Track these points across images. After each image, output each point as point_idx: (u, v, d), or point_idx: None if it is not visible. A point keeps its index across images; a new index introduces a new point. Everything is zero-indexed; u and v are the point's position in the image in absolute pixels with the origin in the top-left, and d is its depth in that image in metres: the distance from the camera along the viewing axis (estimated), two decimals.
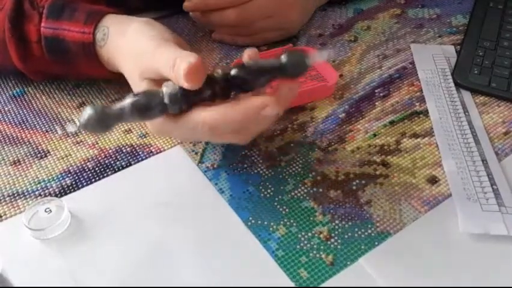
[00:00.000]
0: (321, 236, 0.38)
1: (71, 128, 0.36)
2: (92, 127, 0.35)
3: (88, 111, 0.35)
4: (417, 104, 0.50)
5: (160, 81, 0.37)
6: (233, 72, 0.36)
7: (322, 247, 0.37)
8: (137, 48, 0.40)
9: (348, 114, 0.49)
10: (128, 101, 0.35)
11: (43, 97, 0.51)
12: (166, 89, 0.36)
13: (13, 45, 0.46)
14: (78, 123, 0.35)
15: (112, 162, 0.44)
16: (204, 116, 0.36)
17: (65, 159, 0.44)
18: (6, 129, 0.47)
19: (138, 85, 0.40)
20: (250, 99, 0.35)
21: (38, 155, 0.44)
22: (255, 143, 0.45)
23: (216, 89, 0.36)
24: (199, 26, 0.60)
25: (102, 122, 0.35)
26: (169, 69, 0.36)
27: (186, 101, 0.36)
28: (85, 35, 0.44)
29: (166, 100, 0.35)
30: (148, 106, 0.35)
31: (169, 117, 0.37)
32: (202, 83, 0.35)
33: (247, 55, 0.37)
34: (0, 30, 0.46)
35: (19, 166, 0.44)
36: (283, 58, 0.36)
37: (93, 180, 0.42)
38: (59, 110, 0.49)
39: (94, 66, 0.46)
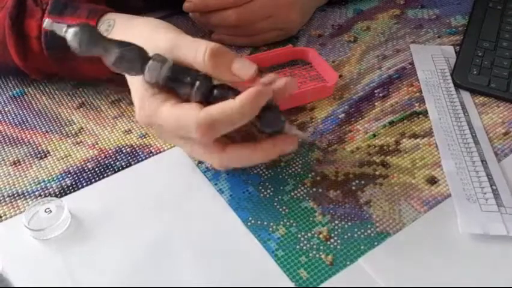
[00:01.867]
0: (321, 236, 0.38)
1: (59, 25, 0.36)
2: (78, 41, 0.35)
3: (80, 26, 0.35)
4: (416, 104, 0.50)
5: None
6: (216, 90, 0.36)
7: (322, 247, 0.37)
8: (150, 36, 0.39)
9: (348, 115, 0.49)
10: (117, 40, 0.36)
11: (43, 97, 0.51)
12: (156, 56, 0.36)
13: (13, 42, 0.46)
14: (68, 30, 0.36)
15: (112, 162, 0.44)
16: (203, 111, 0.35)
17: (65, 159, 0.44)
18: (6, 129, 0.47)
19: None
20: (245, 92, 0.35)
21: (38, 156, 0.45)
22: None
23: (194, 86, 0.36)
24: (198, 26, 0.60)
25: (89, 41, 0.35)
26: (202, 53, 0.35)
27: (168, 78, 0.36)
28: None
29: (149, 64, 0.35)
30: (132, 59, 0.36)
31: (163, 103, 0.36)
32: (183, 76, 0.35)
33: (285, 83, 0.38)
34: (0, 29, 0.46)
35: (19, 166, 0.44)
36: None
37: (93, 180, 0.42)
38: (59, 110, 0.49)
39: (93, 63, 0.45)
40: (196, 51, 0.36)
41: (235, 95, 0.35)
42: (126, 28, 0.43)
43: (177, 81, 0.36)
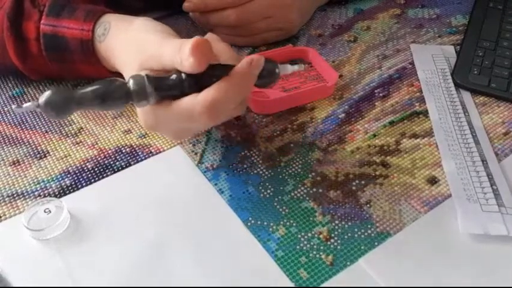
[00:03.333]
0: (321, 236, 0.38)
1: (28, 105, 0.34)
2: (52, 107, 0.34)
3: (49, 90, 0.34)
4: (417, 104, 0.50)
5: (159, 72, 0.37)
6: (207, 73, 0.36)
7: (322, 247, 0.37)
8: (142, 40, 0.40)
9: (348, 115, 0.49)
10: (91, 87, 0.35)
11: None
12: (132, 79, 0.35)
13: (11, 44, 0.46)
14: (38, 102, 0.34)
15: (112, 162, 0.44)
16: (201, 97, 0.35)
17: (64, 159, 0.44)
18: (6, 129, 0.47)
19: None
20: (236, 67, 0.36)
21: (38, 156, 0.44)
22: (254, 143, 0.45)
23: (184, 87, 0.36)
24: (198, 26, 0.60)
25: (63, 103, 0.34)
26: (175, 52, 0.35)
27: (154, 94, 0.35)
28: (83, 32, 0.44)
29: (132, 88, 0.35)
30: (110, 95, 0.35)
31: (161, 106, 0.36)
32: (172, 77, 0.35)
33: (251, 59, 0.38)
34: None
35: (18, 166, 0.44)
36: None
37: (92, 180, 0.42)
38: None
39: (91, 64, 0.45)
40: (173, 56, 0.36)
41: (227, 70, 0.36)
42: (120, 32, 0.43)
43: (166, 88, 0.36)
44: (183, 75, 0.36)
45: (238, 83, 0.36)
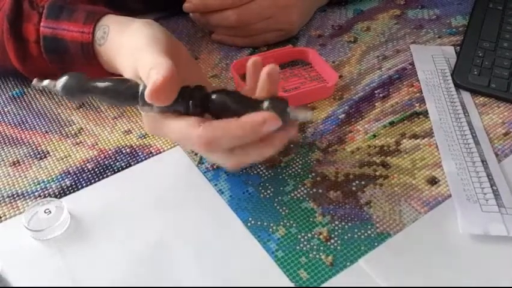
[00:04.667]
0: (321, 236, 0.38)
1: (47, 83, 0.39)
2: (67, 91, 0.38)
3: (66, 75, 0.38)
4: (417, 104, 0.50)
5: None
6: (214, 96, 0.36)
7: (322, 248, 0.37)
8: (132, 47, 0.39)
9: (348, 115, 0.49)
10: (105, 82, 0.38)
11: (43, 98, 0.51)
12: (141, 87, 0.36)
13: (11, 46, 0.46)
14: (55, 82, 0.38)
15: (112, 163, 0.44)
16: (201, 131, 0.34)
17: (64, 160, 0.44)
18: (6, 130, 0.47)
19: None
20: (250, 115, 0.34)
21: (38, 156, 0.44)
22: None
23: (189, 105, 0.36)
24: (198, 26, 0.60)
25: (76, 90, 0.38)
26: (145, 78, 0.35)
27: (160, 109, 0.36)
28: (84, 35, 0.44)
29: (140, 91, 0.36)
30: (119, 93, 0.37)
31: (164, 118, 0.37)
32: (177, 97, 0.35)
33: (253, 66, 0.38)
34: None
35: (19, 167, 0.44)
36: (266, 104, 0.35)
37: (93, 181, 0.42)
38: (59, 110, 0.49)
39: (92, 66, 0.46)
40: (142, 75, 0.36)
41: (232, 100, 0.36)
42: (119, 36, 0.42)
43: (172, 105, 0.36)
44: (191, 102, 0.36)
45: (243, 134, 0.34)
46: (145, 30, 0.40)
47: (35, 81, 0.39)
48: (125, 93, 0.37)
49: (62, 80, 0.38)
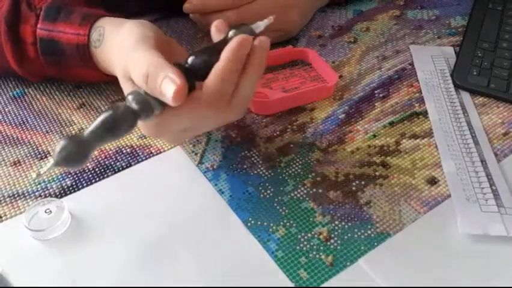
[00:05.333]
0: (321, 236, 0.38)
1: (46, 169, 0.33)
2: (69, 159, 0.32)
3: (62, 143, 0.32)
4: (416, 105, 0.50)
5: None
6: (189, 61, 0.36)
7: (322, 248, 0.37)
8: (122, 47, 0.39)
9: (348, 115, 0.49)
10: (96, 122, 0.33)
11: (43, 98, 0.51)
12: (131, 97, 0.34)
13: (9, 48, 0.46)
14: (52, 160, 0.33)
15: (112, 163, 0.44)
16: (203, 89, 0.35)
17: None
18: (7, 130, 0.47)
19: (125, 85, 0.39)
20: (224, 50, 0.35)
21: (39, 156, 0.45)
22: (254, 143, 0.46)
23: None
24: (198, 27, 0.60)
25: (80, 151, 0.33)
26: (140, 78, 0.35)
27: (158, 106, 0.35)
28: (79, 37, 0.44)
29: (136, 108, 0.34)
30: (117, 121, 0.34)
31: (163, 113, 0.36)
32: None
33: (215, 27, 0.38)
34: None
35: (19, 167, 0.44)
36: (231, 34, 0.36)
37: (93, 181, 0.42)
38: (60, 111, 0.49)
39: (88, 68, 0.45)
40: (135, 76, 0.36)
41: (207, 54, 0.36)
42: (113, 37, 0.42)
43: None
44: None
45: (231, 66, 0.35)
46: (135, 29, 0.39)
47: (34, 176, 0.34)
48: (124, 115, 0.34)
49: (56, 154, 0.32)
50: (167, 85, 0.33)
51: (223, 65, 0.35)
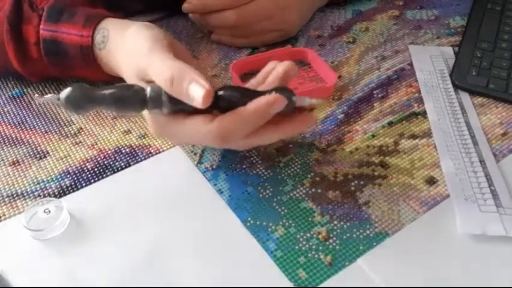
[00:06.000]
0: (320, 236, 0.38)
1: (49, 96, 0.37)
2: (71, 104, 0.37)
3: (70, 87, 0.37)
4: (415, 105, 0.50)
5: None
6: (221, 92, 0.37)
7: (321, 247, 0.38)
8: (134, 49, 0.40)
9: (347, 115, 0.49)
10: (110, 90, 0.37)
11: None
12: (151, 86, 0.37)
13: (12, 48, 0.46)
14: (59, 96, 0.37)
15: (111, 163, 0.44)
16: (214, 126, 0.36)
17: (64, 159, 0.44)
18: (6, 129, 0.47)
19: None
20: (255, 100, 0.36)
21: (38, 156, 0.45)
22: None
23: None
24: (198, 27, 0.60)
25: (81, 101, 0.37)
26: (165, 83, 0.36)
27: (168, 105, 0.37)
28: (83, 38, 0.44)
29: (149, 94, 0.36)
30: (126, 99, 0.37)
31: (173, 119, 0.37)
32: None
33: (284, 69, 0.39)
34: None
35: (18, 167, 0.44)
36: (272, 93, 0.37)
37: (92, 181, 0.42)
38: (58, 111, 0.49)
39: (92, 69, 0.46)
40: (159, 80, 0.37)
41: (240, 93, 0.37)
42: (118, 39, 0.43)
43: (180, 102, 0.36)
44: None
45: (253, 119, 0.36)
46: (146, 32, 0.40)
47: (36, 96, 0.38)
48: (132, 98, 0.37)
49: (66, 92, 0.37)
50: (196, 88, 0.35)
51: (251, 109, 0.36)
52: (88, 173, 0.43)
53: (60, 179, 0.42)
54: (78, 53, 0.45)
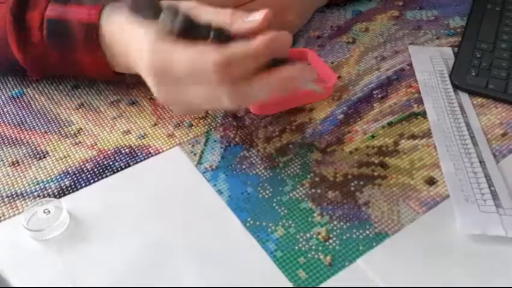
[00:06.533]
0: (320, 236, 0.38)
1: None
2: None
3: None
4: (415, 105, 0.50)
5: None
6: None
7: (320, 248, 0.38)
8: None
9: (347, 116, 0.49)
10: None
11: (42, 98, 0.51)
12: (166, 10, 0.36)
13: (13, 36, 0.45)
14: None
15: (111, 163, 0.44)
16: (220, 49, 0.36)
17: (64, 160, 0.44)
18: (5, 130, 0.47)
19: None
20: (262, 35, 0.36)
21: (37, 156, 0.45)
22: (253, 144, 0.46)
23: (209, 34, 0.37)
24: None
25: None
26: (224, 16, 0.38)
27: (182, 20, 0.36)
28: (90, 16, 0.44)
29: (166, 7, 0.36)
30: (143, 7, 0.37)
31: (178, 44, 0.37)
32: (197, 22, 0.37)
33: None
34: (1, 27, 0.46)
35: (18, 167, 0.44)
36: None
37: (92, 181, 0.42)
38: (58, 111, 0.49)
39: (91, 51, 0.45)
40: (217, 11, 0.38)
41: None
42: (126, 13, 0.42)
43: (191, 33, 0.36)
44: (212, 33, 0.36)
45: (255, 52, 0.36)
46: None
47: None
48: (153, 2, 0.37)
49: None
50: (255, 13, 0.37)
51: (255, 42, 0.36)
52: (87, 173, 0.43)
53: (60, 179, 0.42)
54: (82, 33, 0.44)
